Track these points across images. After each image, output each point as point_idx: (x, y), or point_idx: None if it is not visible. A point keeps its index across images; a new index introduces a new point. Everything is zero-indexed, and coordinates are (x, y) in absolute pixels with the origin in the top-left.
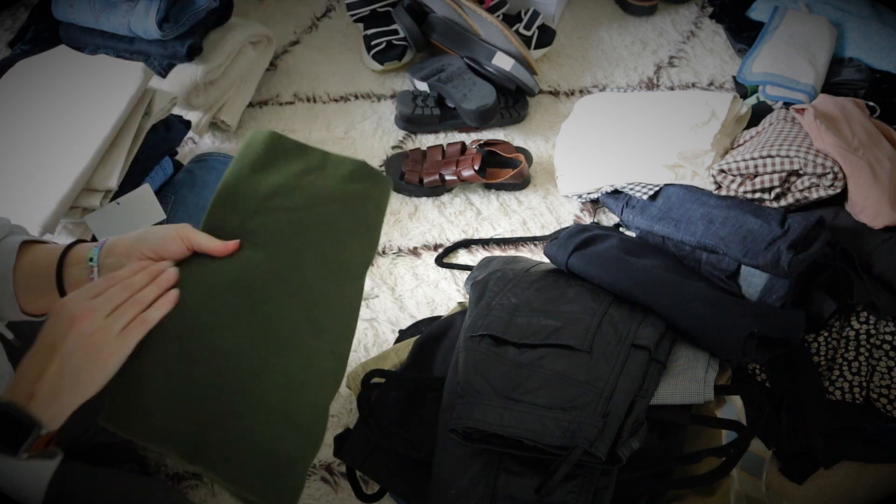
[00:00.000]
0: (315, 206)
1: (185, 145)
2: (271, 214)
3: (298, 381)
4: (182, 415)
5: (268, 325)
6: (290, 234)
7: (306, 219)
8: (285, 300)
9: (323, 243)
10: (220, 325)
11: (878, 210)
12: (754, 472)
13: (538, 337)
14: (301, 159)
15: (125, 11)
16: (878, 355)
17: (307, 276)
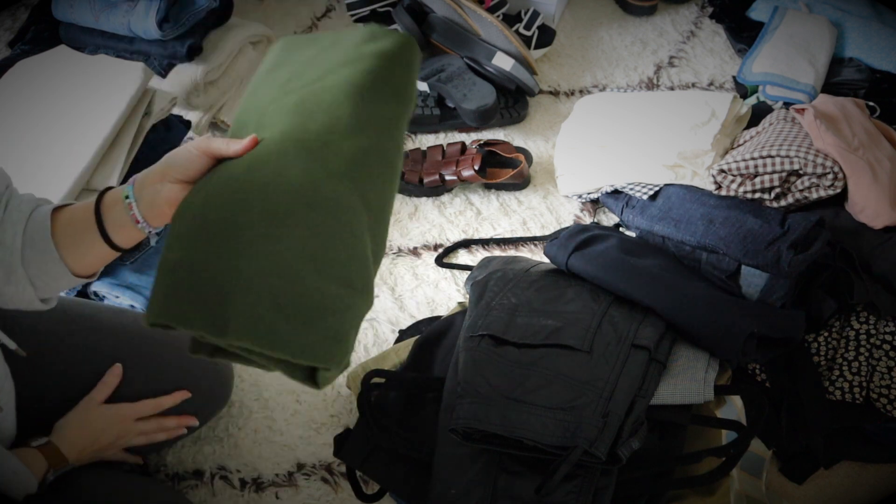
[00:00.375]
0: (330, 74)
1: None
2: (287, 97)
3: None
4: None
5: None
6: (311, 110)
7: (321, 86)
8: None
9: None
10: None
11: (878, 210)
12: (754, 472)
13: (538, 337)
14: (313, 46)
15: (125, 11)
16: (878, 355)
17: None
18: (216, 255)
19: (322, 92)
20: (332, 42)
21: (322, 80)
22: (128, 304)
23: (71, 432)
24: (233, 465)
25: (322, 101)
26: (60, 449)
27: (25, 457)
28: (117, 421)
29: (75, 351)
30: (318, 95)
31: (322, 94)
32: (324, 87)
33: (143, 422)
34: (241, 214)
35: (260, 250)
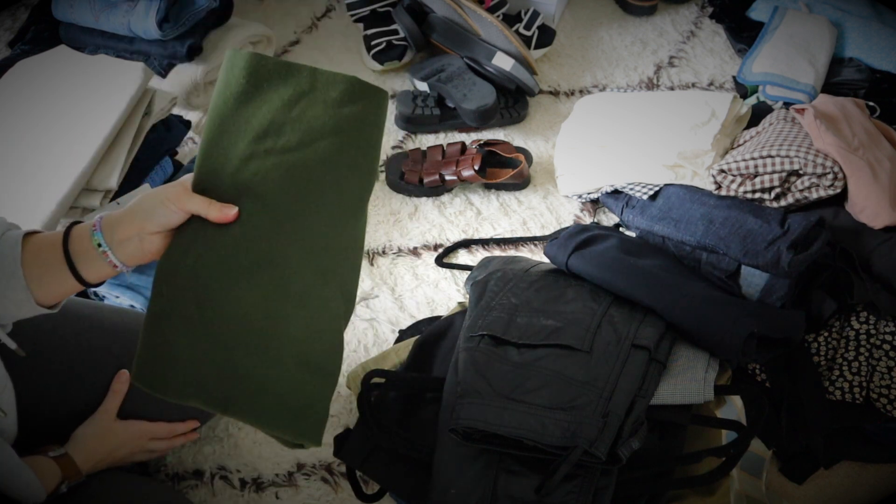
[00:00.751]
0: (310, 144)
1: (185, 145)
2: (264, 159)
3: (315, 330)
4: (207, 372)
5: (279, 282)
6: (288, 183)
7: (302, 160)
8: (293, 254)
9: (323, 184)
10: (234, 286)
11: (878, 210)
12: (754, 472)
13: (538, 337)
14: (288, 82)
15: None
16: (878, 355)
17: (311, 224)
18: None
19: (303, 169)
20: (309, 86)
21: (301, 150)
22: (128, 303)
23: (87, 445)
24: (233, 465)
25: (303, 180)
26: (76, 461)
27: (41, 466)
28: (134, 439)
29: (76, 351)
30: (299, 173)
31: (302, 171)
32: (304, 163)
33: (155, 441)
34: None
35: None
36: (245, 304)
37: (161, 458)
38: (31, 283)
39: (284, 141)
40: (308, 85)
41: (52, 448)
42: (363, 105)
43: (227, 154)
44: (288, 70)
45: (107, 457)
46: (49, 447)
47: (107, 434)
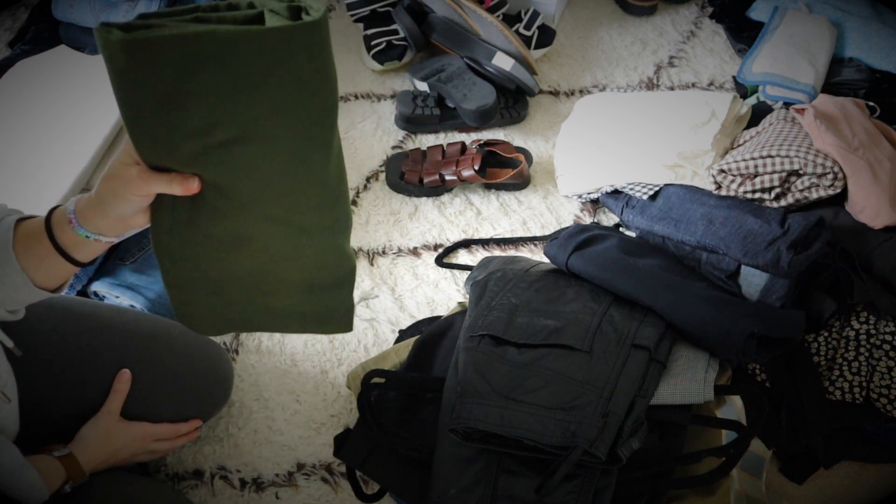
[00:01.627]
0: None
1: None
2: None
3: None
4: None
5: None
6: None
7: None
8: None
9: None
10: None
11: (878, 210)
12: (754, 472)
13: (538, 337)
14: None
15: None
16: (878, 355)
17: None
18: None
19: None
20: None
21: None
22: (128, 303)
23: (91, 445)
24: (233, 465)
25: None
26: (80, 461)
27: (45, 465)
28: (137, 440)
29: (76, 350)
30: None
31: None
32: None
33: (158, 442)
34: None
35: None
36: (241, 271)
37: (161, 457)
38: (27, 266)
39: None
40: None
41: (57, 447)
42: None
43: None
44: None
45: (110, 457)
46: (53, 447)
47: (110, 435)
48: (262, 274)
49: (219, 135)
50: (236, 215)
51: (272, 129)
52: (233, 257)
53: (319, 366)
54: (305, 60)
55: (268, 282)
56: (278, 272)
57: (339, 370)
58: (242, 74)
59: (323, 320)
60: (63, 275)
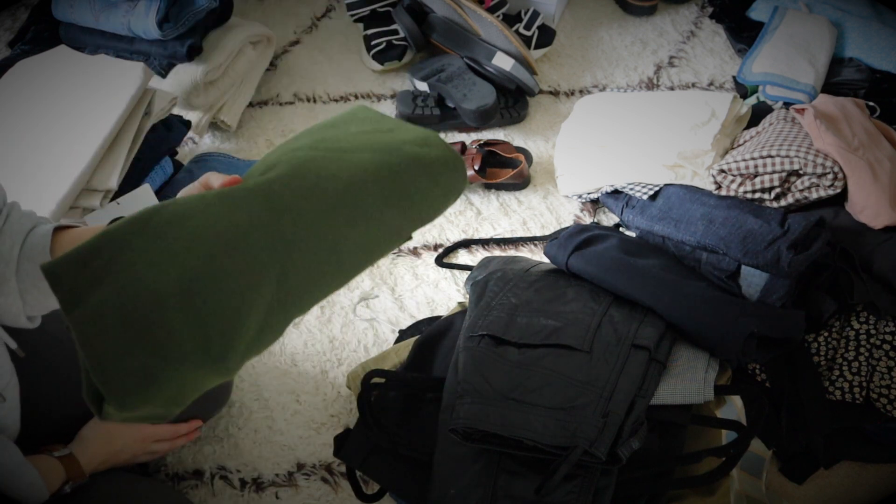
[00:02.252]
0: (354, 153)
1: (185, 145)
2: (304, 152)
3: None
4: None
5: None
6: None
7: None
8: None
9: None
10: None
11: (878, 210)
12: (754, 472)
13: (538, 337)
14: (373, 123)
15: (125, 11)
16: (878, 355)
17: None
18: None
19: (332, 162)
20: (389, 128)
21: (344, 152)
22: None
23: (92, 446)
24: (233, 465)
25: (324, 168)
26: (80, 461)
27: (45, 465)
28: (137, 441)
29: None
30: (325, 163)
31: (330, 163)
32: (338, 159)
33: (158, 443)
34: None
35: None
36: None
37: (161, 457)
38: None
39: (335, 146)
40: (387, 127)
41: (57, 448)
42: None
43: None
44: (379, 118)
45: (110, 458)
46: (54, 447)
47: (110, 436)
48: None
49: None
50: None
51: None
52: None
53: (319, 366)
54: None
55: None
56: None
57: (339, 370)
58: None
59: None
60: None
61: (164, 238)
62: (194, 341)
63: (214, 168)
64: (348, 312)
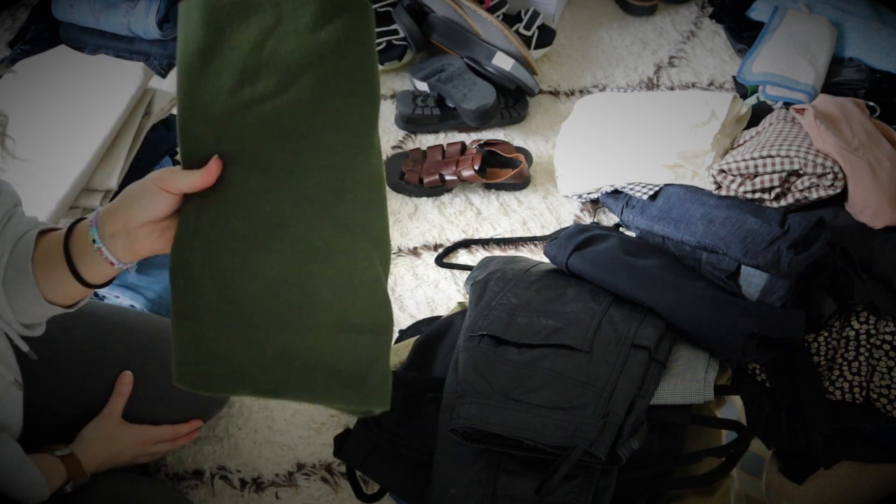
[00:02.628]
0: (291, 84)
1: None
2: (245, 114)
3: (348, 288)
4: (247, 357)
5: (294, 245)
6: (276, 134)
7: (287, 105)
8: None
9: (315, 126)
10: (249, 262)
11: (878, 210)
12: (754, 472)
13: (538, 337)
14: (251, 21)
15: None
16: (878, 355)
17: (313, 173)
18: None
19: (290, 115)
20: (275, 18)
21: (283, 93)
22: (128, 303)
23: (93, 446)
24: (233, 465)
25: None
26: (81, 461)
27: (46, 464)
28: (138, 443)
29: (77, 349)
30: (286, 120)
31: (290, 117)
32: (290, 107)
33: (159, 444)
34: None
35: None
36: (265, 279)
37: (161, 457)
38: (40, 281)
39: (262, 88)
40: (274, 17)
41: (59, 447)
42: (341, 23)
43: (206, 117)
44: (248, 6)
45: (111, 459)
46: (55, 446)
47: (112, 437)
48: (288, 285)
49: (260, 85)
50: (270, 193)
51: (314, 86)
52: (258, 259)
53: None
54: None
55: (294, 299)
56: (306, 282)
57: None
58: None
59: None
60: (69, 294)
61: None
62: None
63: None
64: None
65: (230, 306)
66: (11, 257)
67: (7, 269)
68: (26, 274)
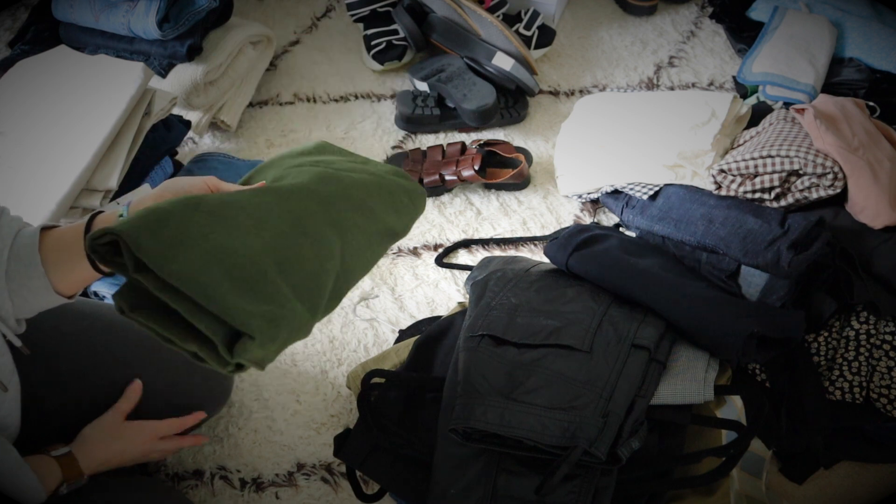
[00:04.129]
0: (351, 173)
1: (185, 145)
2: (311, 167)
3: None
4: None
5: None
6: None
7: (336, 173)
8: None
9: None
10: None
11: (878, 210)
12: (754, 472)
13: (538, 337)
14: (344, 156)
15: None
16: (878, 355)
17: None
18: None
19: (340, 175)
20: (364, 159)
21: (345, 172)
22: None
23: (94, 447)
24: (233, 465)
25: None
26: (79, 462)
27: (41, 465)
28: (144, 441)
29: (77, 349)
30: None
31: (340, 176)
32: (341, 174)
33: (164, 441)
34: (231, 209)
35: (236, 231)
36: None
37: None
38: (50, 271)
39: (331, 165)
40: (361, 160)
41: (56, 447)
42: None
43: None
44: (347, 152)
45: (113, 458)
46: (52, 446)
47: (113, 434)
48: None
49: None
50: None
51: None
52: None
53: (319, 366)
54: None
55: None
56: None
57: (339, 370)
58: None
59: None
60: (82, 282)
61: (227, 218)
62: (297, 295)
63: (214, 168)
64: (348, 312)
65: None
66: (12, 252)
67: (9, 262)
68: (34, 265)
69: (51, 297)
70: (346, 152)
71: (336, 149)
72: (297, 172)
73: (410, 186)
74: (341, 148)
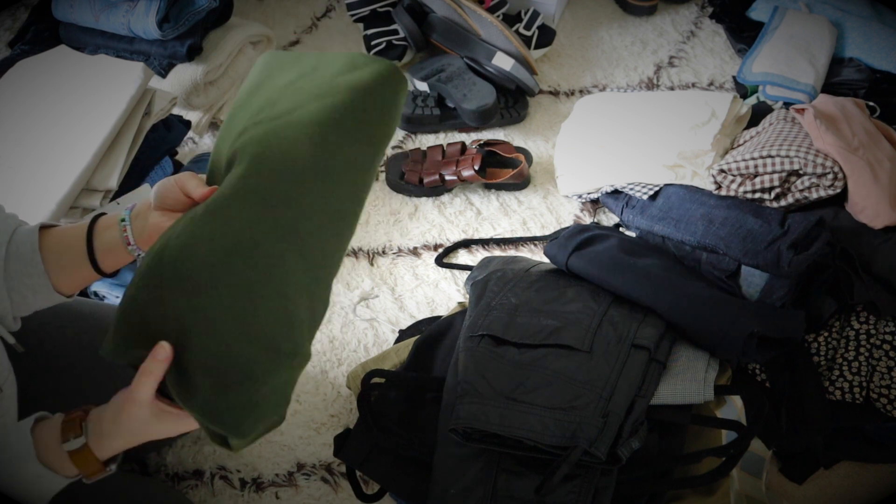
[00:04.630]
0: (296, 110)
1: (185, 145)
2: (255, 128)
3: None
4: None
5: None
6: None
7: (284, 125)
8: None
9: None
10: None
11: (878, 210)
12: (754, 472)
13: (538, 337)
14: (294, 68)
15: (125, 11)
16: (878, 355)
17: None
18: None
19: (285, 128)
20: (312, 67)
21: (290, 114)
22: None
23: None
24: (233, 465)
25: (283, 139)
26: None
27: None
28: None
29: (77, 349)
30: (281, 133)
31: (285, 130)
32: (288, 124)
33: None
34: (186, 263)
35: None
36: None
37: (161, 458)
38: (50, 270)
39: (276, 111)
40: (310, 67)
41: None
42: (361, 73)
43: (230, 136)
44: (297, 58)
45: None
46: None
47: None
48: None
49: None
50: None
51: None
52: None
53: (319, 366)
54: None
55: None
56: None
57: (339, 370)
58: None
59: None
60: (81, 282)
61: (185, 279)
62: (267, 354)
63: None
64: (348, 312)
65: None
66: (10, 250)
67: (7, 260)
68: (34, 263)
69: (50, 296)
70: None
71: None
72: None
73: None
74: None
